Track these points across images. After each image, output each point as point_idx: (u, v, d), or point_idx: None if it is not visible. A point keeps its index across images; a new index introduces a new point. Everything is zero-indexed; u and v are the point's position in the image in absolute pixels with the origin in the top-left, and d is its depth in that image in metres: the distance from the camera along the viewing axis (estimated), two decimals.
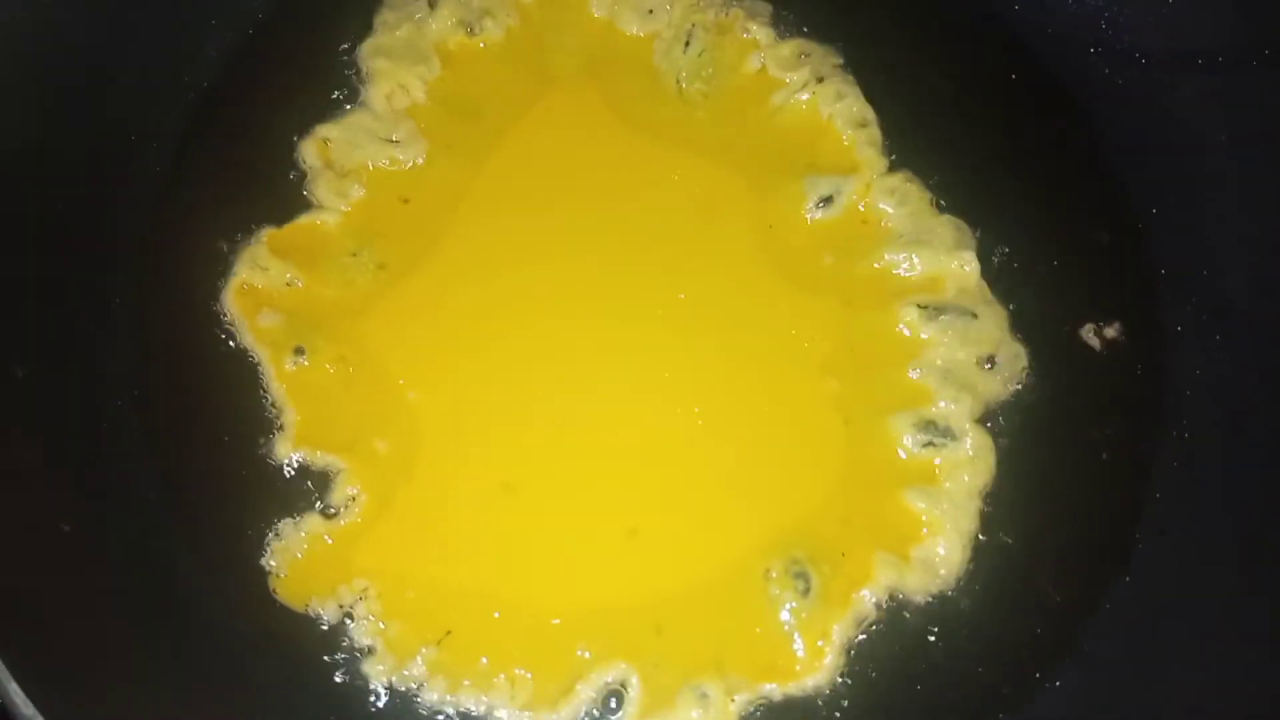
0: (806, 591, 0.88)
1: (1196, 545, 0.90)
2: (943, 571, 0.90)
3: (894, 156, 1.01)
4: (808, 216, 0.99)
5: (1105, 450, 0.94)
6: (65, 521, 0.84)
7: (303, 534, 0.89)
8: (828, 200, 0.99)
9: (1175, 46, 0.99)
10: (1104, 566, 0.91)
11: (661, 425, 0.93)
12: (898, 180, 1.00)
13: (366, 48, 1.04)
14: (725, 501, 0.92)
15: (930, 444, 0.93)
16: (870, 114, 1.02)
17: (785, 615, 0.87)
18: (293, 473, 0.91)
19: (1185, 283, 0.97)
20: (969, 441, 0.93)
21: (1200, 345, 0.96)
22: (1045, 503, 0.92)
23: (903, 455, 0.93)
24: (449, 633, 0.86)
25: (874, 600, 0.88)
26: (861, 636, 0.88)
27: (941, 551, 0.90)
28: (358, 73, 1.04)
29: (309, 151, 1.01)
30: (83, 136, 0.95)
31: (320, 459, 0.92)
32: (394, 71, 1.03)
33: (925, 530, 0.91)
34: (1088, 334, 0.97)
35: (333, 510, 0.90)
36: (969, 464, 0.92)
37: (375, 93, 1.03)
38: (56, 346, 0.91)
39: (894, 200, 0.99)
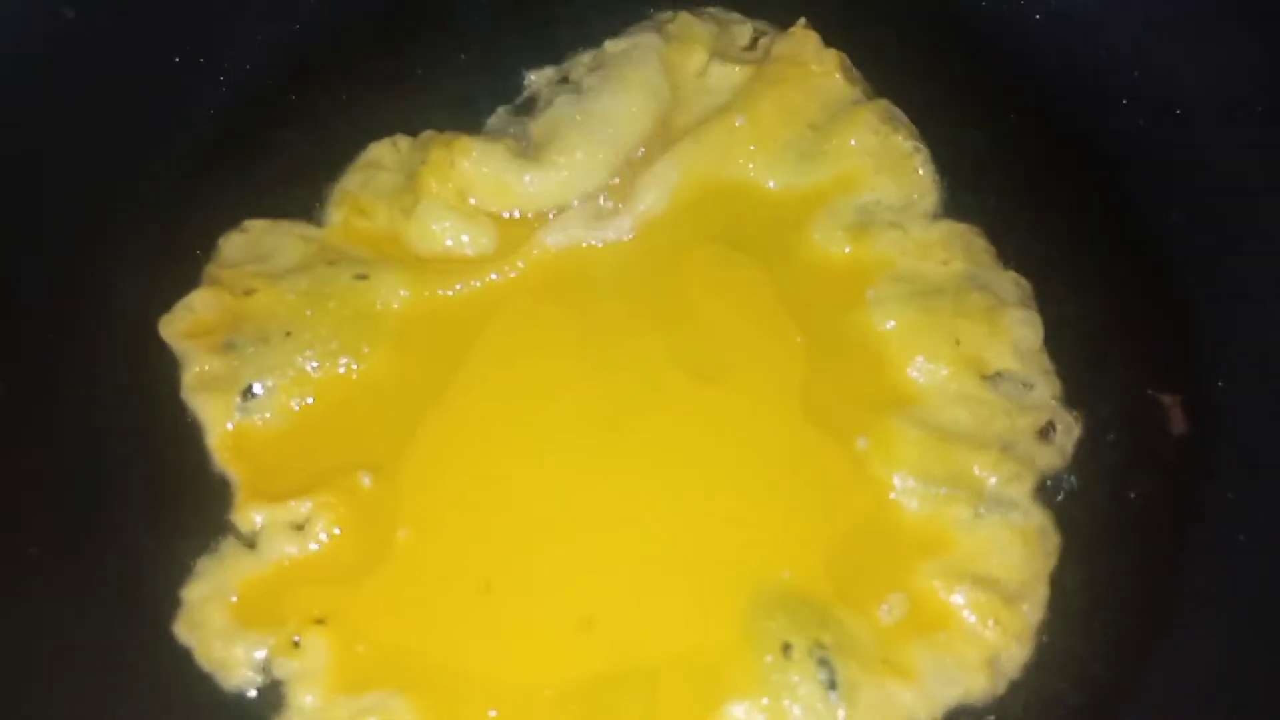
0: (832, 684, 0.77)
1: (1243, 609, 0.83)
2: (1009, 673, 0.80)
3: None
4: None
5: (1148, 515, 0.87)
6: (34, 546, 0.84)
7: (238, 574, 0.83)
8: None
9: (1209, 97, 0.95)
10: (1147, 634, 0.83)
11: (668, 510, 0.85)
12: (963, 230, 0.94)
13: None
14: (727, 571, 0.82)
15: (987, 523, 0.83)
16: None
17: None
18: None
19: (1227, 338, 0.92)
20: (1032, 522, 0.83)
21: (1244, 404, 0.89)
22: (1090, 571, 0.85)
23: (959, 539, 0.83)
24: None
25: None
26: None
27: (1012, 654, 0.80)
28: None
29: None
30: None
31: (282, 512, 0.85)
32: None
33: (987, 625, 0.80)
34: (1135, 397, 0.90)
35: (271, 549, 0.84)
36: (1037, 545, 0.83)
37: None
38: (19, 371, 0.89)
39: (958, 248, 0.92)
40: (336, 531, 0.84)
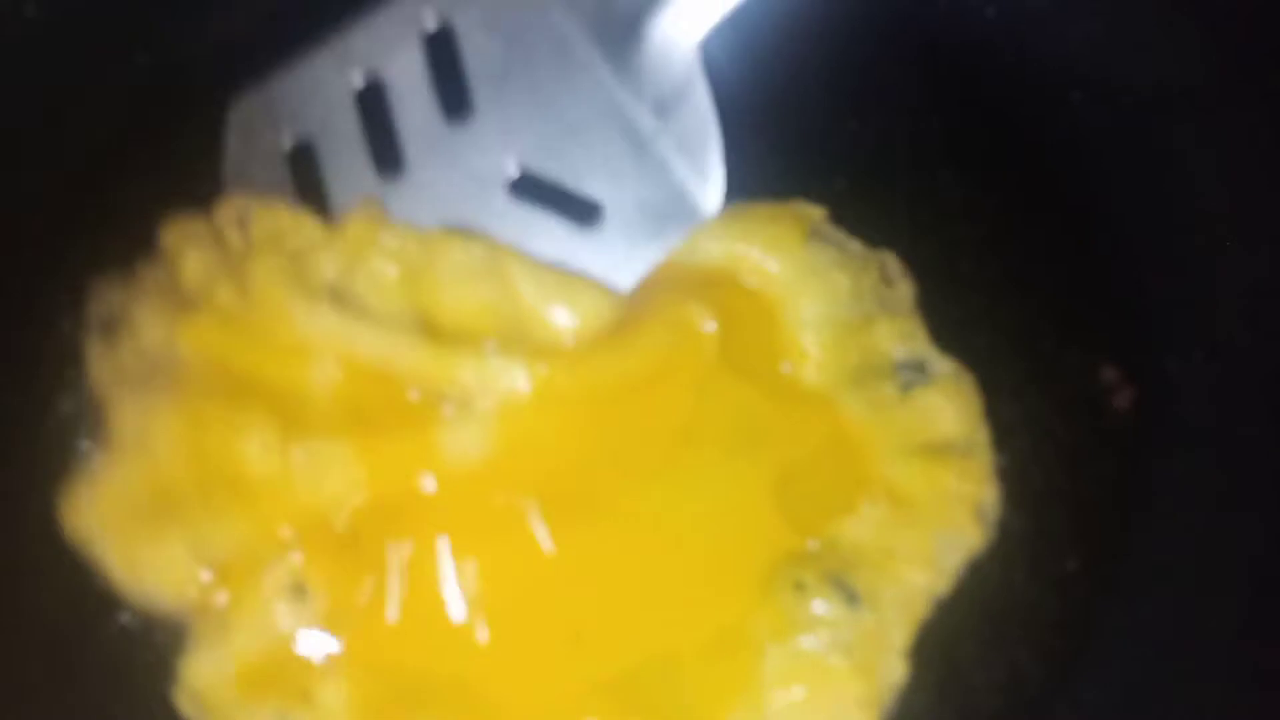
0: (853, 599, 0.80)
1: (1193, 583, 0.86)
2: (992, 516, 0.85)
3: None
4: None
5: (1096, 491, 0.89)
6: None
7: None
8: None
9: (1161, 84, 0.95)
10: (1096, 608, 0.87)
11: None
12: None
13: None
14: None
15: (915, 392, 0.86)
16: None
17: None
18: None
19: (1172, 315, 0.93)
20: (947, 370, 0.87)
21: (1190, 381, 0.92)
22: (1041, 547, 0.88)
23: (899, 417, 0.86)
24: None
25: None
26: None
27: (988, 496, 0.85)
28: None
29: None
30: None
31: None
32: None
33: (959, 480, 0.84)
34: (1080, 374, 0.92)
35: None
36: (961, 391, 0.86)
37: None
38: None
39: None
40: (325, 582, 0.80)
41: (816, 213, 0.91)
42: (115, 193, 0.92)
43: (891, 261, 0.91)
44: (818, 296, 0.88)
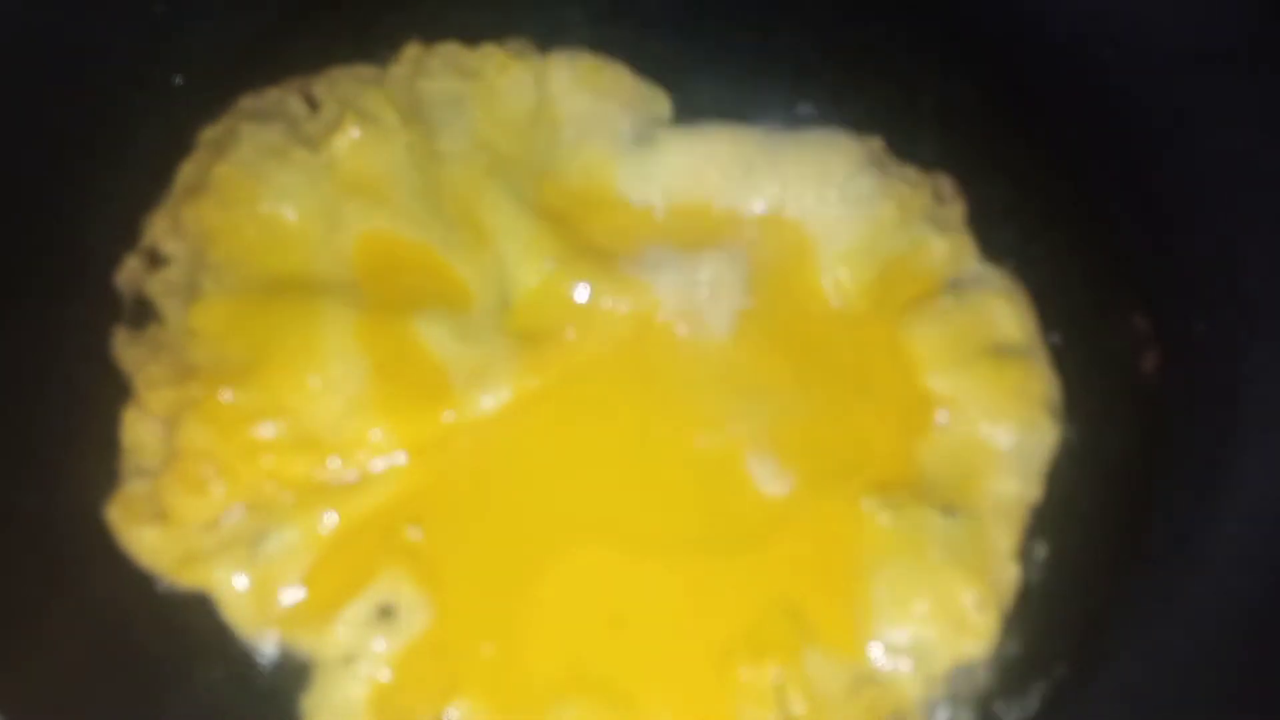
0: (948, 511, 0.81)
1: (1215, 552, 0.84)
2: (1059, 410, 0.86)
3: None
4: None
5: (1124, 452, 0.88)
6: None
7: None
8: None
9: (1196, 43, 0.93)
10: (1123, 571, 0.86)
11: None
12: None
13: None
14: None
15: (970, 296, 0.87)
16: None
17: None
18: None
19: (1202, 275, 0.91)
20: (999, 284, 0.88)
21: (1222, 349, 0.89)
22: (1070, 509, 0.87)
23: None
24: None
25: None
26: None
27: (1053, 389, 0.86)
28: None
29: None
30: None
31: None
32: None
33: (1027, 378, 0.85)
34: (1110, 335, 0.91)
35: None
36: (1016, 300, 0.88)
37: None
38: None
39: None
40: (422, 599, 0.79)
41: (874, 142, 0.92)
42: None
43: (945, 182, 0.92)
44: (862, 227, 0.89)
